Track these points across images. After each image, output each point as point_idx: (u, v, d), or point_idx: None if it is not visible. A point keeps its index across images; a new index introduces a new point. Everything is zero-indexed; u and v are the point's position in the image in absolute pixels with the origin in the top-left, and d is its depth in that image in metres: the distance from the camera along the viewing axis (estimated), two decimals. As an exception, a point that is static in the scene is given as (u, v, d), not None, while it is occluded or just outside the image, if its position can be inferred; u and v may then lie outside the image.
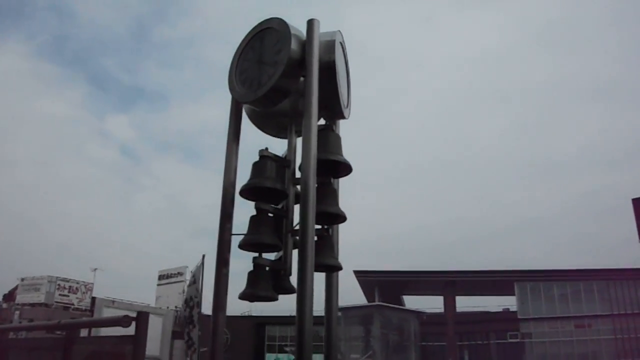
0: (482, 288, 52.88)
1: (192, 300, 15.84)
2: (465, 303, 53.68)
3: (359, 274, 49.93)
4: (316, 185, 5.00)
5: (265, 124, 5.71)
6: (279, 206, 5.15)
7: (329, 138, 5.18)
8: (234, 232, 4.96)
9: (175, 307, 42.84)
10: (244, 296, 4.93)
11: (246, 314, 49.91)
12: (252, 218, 4.98)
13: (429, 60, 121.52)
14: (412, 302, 57.45)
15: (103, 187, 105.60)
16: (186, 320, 16.12)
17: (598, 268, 47.38)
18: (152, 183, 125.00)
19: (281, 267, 4.96)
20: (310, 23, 5.10)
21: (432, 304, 53.79)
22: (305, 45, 5.02)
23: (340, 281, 5.29)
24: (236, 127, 5.35)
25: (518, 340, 47.15)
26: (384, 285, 51.91)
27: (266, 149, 5.18)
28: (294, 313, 4.34)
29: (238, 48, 5.46)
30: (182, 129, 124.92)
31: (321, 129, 5.12)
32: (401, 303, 56.25)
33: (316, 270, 4.86)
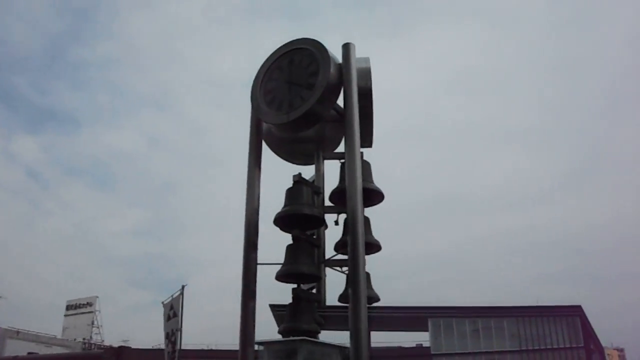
0: (396, 324, 53.36)
1: (174, 335, 14.99)
2: (381, 338, 53.94)
3: (275, 308, 49.17)
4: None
5: (282, 148, 5.45)
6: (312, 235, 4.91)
7: (363, 167, 4.99)
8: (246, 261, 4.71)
9: (83, 338, 40.72)
10: (284, 332, 4.65)
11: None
12: (290, 247, 4.70)
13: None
14: (328, 337, 57.04)
15: (5, 211, 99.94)
16: (169, 356, 15.20)
17: (508, 306, 49.03)
18: (59, 208, 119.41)
19: (316, 299, 4.72)
20: (347, 47, 4.91)
21: (348, 339, 53.58)
22: (343, 70, 4.84)
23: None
24: (257, 151, 5.08)
25: (431, 376, 47.78)
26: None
27: (299, 174, 4.93)
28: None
29: (262, 67, 5.20)
30: (93, 154, 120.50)
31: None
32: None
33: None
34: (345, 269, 4.83)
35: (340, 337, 5.44)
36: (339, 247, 4.87)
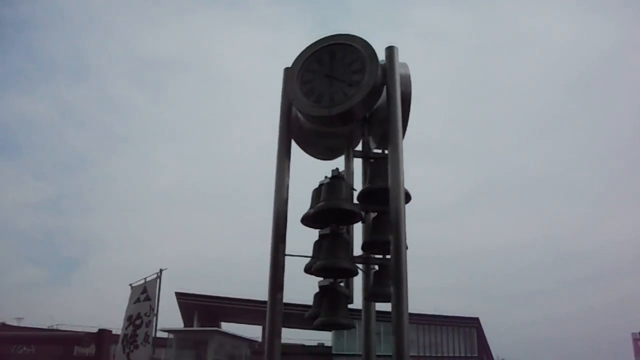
0: (300, 321, 53.68)
1: (141, 318, 14.21)
2: (284, 335, 54.12)
3: (181, 296, 48.54)
4: (376, 213, 4.92)
5: (307, 140, 5.36)
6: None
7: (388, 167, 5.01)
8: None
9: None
10: (322, 325, 4.61)
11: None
12: (326, 241, 4.64)
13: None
14: (231, 330, 56.73)
15: None
16: (127, 339, 14.33)
17: (409, 312, 50.48)
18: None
19: (347, 295, 4.74)
20: (391, 50, 4.90)
21: (252, 333, 53.63)
22: (387, 72, 4.83)
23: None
24: (287, 140, 4.97)
25: (331, 376, 48.52)
26: (204, 310, 50.85)
27: (337, 169, 4.89)
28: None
29: (299, 57, 5.10)
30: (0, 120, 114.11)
31: (381, 158, 5.01)
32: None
33: (378, 300, 4.88)
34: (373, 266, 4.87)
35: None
36: (367, 246, 4.86)
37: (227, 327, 58.17)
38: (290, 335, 55.97)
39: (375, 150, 5.21)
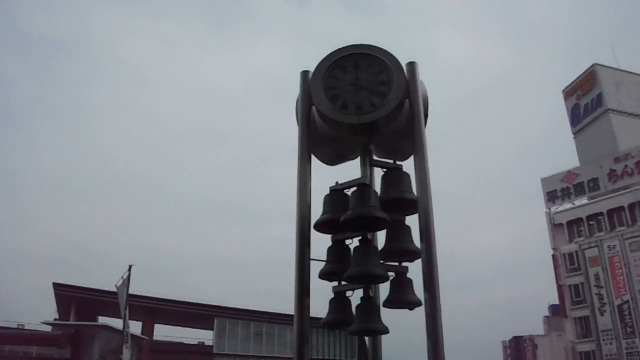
0: (182, 319, 52.63)
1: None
2: (164, 332, 52.84)
3: (59, 288, 46.09)
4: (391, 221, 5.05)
5: (321, 146, 5.38)
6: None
7: (402, 177, 5.16)
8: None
9: None
10: (360, 331, 4.66)
11: None
12: (358, 248, 4.70)
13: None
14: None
15: None
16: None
17: (290, 314, 50.78)
18: None
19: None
20: (412, 66, 5.09)
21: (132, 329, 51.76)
22: (410, 87, 4.99)
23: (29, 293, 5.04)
24: (309, 143, 5.02)
25: (210, 375, 47.84)
26: (83, 303, 48.53)
27: (363, 177, 4.97)
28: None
29: (323, 62, 5.14)
30: None
31: (394, 168, 5.16)
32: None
33: (397, 307, 4.94)
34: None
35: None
36: (385, 254, 4.97)
37: (105, 322, 56.04)
38: (170, 333, 54.98)
39: (386, 160, 5.34)
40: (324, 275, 4.89)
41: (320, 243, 5.06)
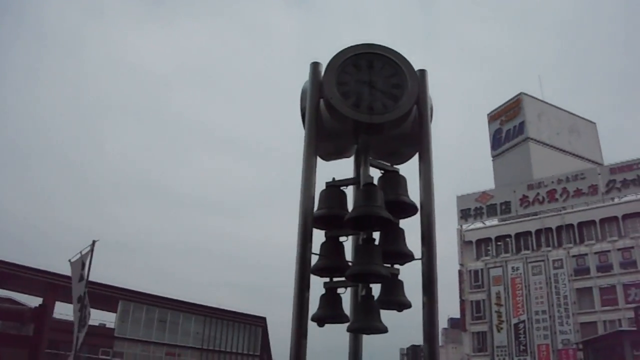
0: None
1: (85, 299, 12.05)
2: (61, 309, 50.79)
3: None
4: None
5: (322, 140, 5.32)
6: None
7: (400, 181, 5.18)
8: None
9: None
10: (360, 329, 4.63)
11: None
12: (362, 247, 4.68)
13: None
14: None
15: None
16: (80, 323, 12.02)
17: (200, 304, 50.19)
18: None
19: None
20: (423, 73, 5.11)
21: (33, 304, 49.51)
22: (419, 94, 5.03)
23: None
24: (316, 136, 4.95)
25: (109, 358, 46.49)
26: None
27: (334, 178, 5.03)
28: None
29: (336, 57, 5.07)
30: None
31: (392, 171, 5.20)
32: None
33: (387, 308, 4.96)
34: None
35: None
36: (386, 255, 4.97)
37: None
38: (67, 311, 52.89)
39: (383, 163, 5.36)
40: (316, 270, 4.83)
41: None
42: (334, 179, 5.19)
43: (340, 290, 5.02)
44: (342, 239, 5.10)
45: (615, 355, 25.75)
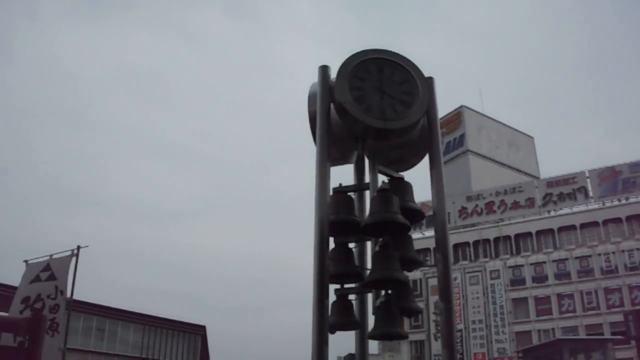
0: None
1: (43, 301, 11.08)
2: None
3: None
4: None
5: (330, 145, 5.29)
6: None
7: (406, 188, 5.19)
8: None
9: None
10: (381, 335, 4.58)
11: None
12: (379, 253, 4.63)
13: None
14: None
15: None
16: (22, 324, 10.94)
17: (139, 312, 48.97)
18: None
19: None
20: (431, 81, 5.16)
21: None
22: (429, 101, 5.05)
23: None
24: (328, 141, 4.89)
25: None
26: None
27: (387, 183, 4.95)
28: None
29: (349, 60, 5.04)
30: None
31: (398, 178, 5.21)
32: None
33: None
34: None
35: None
36: None
37: None
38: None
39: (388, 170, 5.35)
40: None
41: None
42: (340, 184, 5.16)
43: (350, 297, 4.98)
44: (350, 245, 5.07)
45: (554, 363, 26.67)
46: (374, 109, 4.87)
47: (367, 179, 5.53)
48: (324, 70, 5.10)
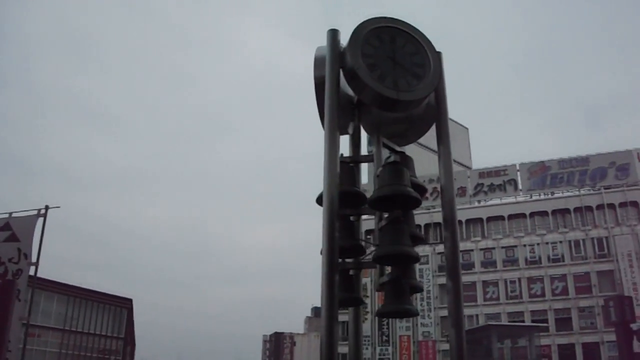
0: None
1: (5, 265, 9.91)
2: None
3: None
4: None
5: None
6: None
7: (409, 162, 5.05)
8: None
9: None
10: (387, 312, 4.41)
11: None
12: (388, 227, 4.48)
13: None
14: None
15: None
16: None
17: (63, 282, 47.57)
18: None
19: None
20: (440, 55, 5.04)
21: None
22: (440, 75, 4.95)
23: None
24: (338, 107, 4.69)
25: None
26: None
27: (342, 154, 4.80)
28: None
29: (361, 27, 4.85)
30: None
31: (400, 152, 5.06)
32: None
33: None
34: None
35: None
36: None
37: None
38: None
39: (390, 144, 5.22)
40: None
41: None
42: (342, 155, 4.97)
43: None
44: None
45: (482, 347, 27.42)
46: (386, 78, 4.71)
47: (363, 151, 5.47)
48: (334, 34, 4.90)
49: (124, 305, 51.92)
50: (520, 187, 56.87)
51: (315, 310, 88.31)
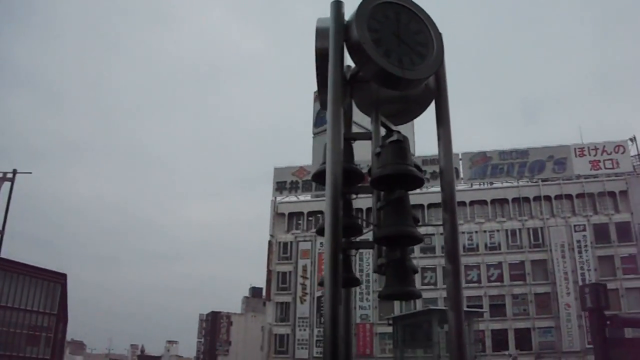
0: None
1: None
2: None
3: None
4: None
5: (324, 87, 4.93)
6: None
7: (406, 142, 4.97)
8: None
9: None
10: (389, 294, 4.29)
11: None
12: (391, 207, 4.36)
13: None
14: None
15: None
16: None
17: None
18: None
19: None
20: (441, 36, 4.96)
21: None
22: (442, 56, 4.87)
23: None
24: (341, 81, 4.58)
25: None
26: None
27: (395, 132, 4.68)
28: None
29: (366, 1, 4.71)
30: None
31: (398, 132, 4.96)
32: None
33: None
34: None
35: None
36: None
37: None
38: None
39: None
40: (322, 230, 4.44)
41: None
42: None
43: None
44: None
45: (422, 332, 27.92)
46: (392, 54, 4.60)
47: (354, 128, 5.37)
48: (338, 5, 4.78)
49: (57, 281, 50.48)
50: (462, 175, 57.98)
51: (254, 291, 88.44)
